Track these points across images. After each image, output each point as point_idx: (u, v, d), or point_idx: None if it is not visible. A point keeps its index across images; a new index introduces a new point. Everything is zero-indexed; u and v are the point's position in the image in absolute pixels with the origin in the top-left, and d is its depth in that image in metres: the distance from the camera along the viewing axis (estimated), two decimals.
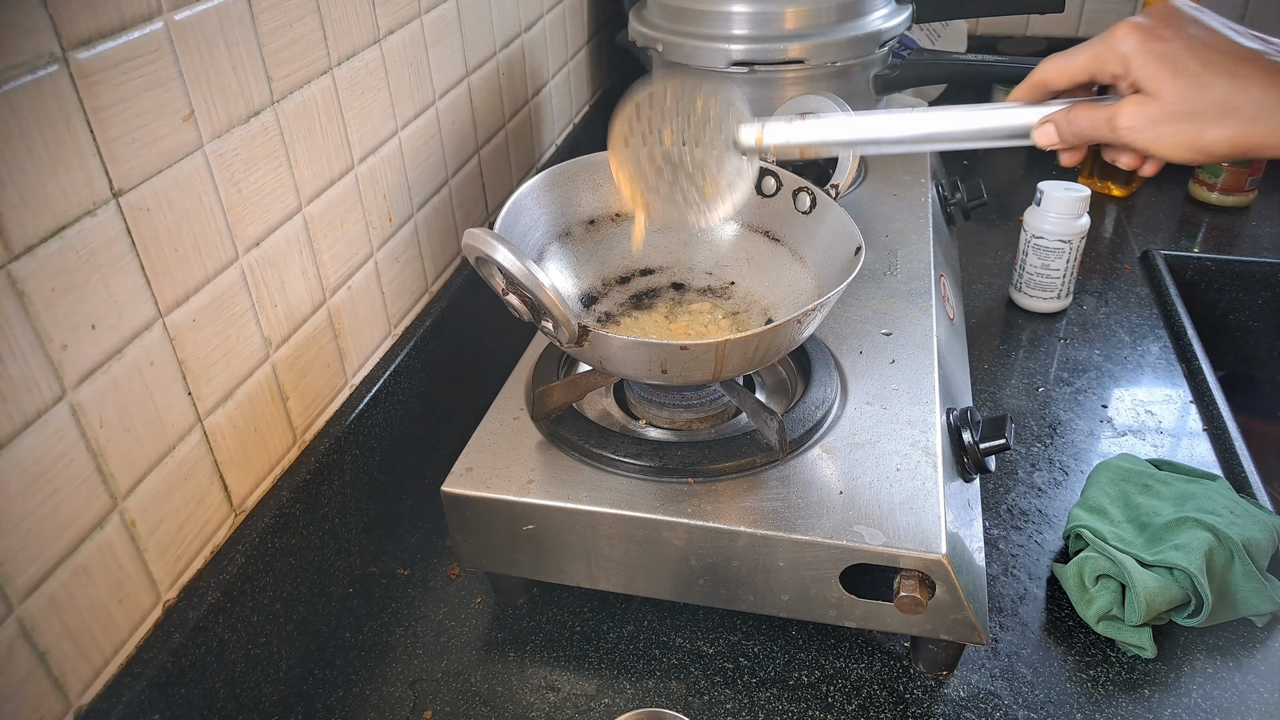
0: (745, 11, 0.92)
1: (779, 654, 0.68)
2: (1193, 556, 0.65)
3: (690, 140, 0.64)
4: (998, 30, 1.52)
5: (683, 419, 0.71)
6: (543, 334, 0.62)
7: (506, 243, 0.56)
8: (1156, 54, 0.45)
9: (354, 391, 0.75)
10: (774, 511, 0.62)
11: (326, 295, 0.70)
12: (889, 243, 0.90)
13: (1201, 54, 0.44)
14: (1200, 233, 1.20)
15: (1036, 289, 1.03)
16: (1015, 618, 0.69)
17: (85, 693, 0.50)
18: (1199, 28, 0.45)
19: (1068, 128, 0.50)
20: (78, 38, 0.46)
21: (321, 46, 0.66)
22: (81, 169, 0.47)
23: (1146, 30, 0.46)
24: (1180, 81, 0.44)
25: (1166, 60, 0.45)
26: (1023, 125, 0.52)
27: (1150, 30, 0.46)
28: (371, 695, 0.66)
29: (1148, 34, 0.45)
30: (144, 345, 0.52)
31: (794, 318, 0.60)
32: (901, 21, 0.96)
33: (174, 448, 0.55)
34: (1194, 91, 0.44)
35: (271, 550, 0.63)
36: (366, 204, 0.74)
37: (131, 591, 0.53)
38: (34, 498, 0.46)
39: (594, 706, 0.64)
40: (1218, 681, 0.64)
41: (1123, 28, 0.46)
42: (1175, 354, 0.97)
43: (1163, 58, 0.45)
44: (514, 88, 1.01)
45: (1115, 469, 0.77)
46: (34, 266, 0.45)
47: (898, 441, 0.67)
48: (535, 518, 0.65)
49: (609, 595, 0.73)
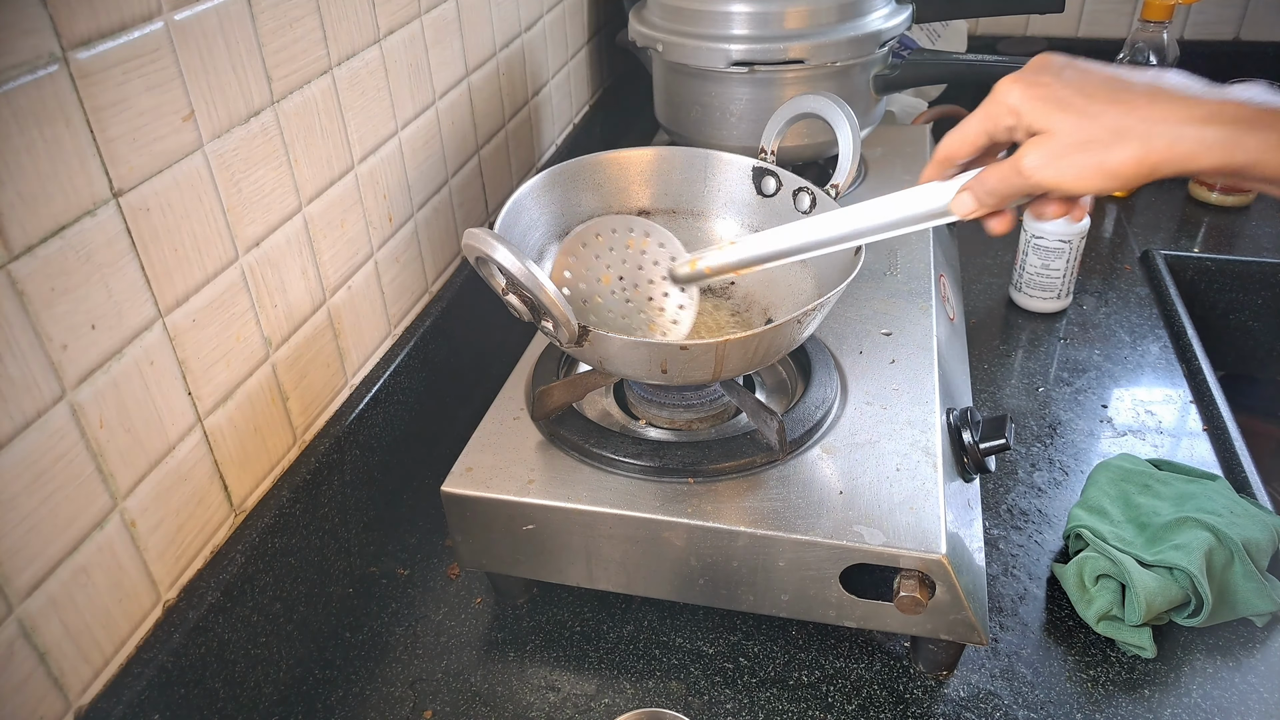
0: (745, 11, 0.92)
1: (779, 654, 0.68)
2: (1193, 556, 0.65)
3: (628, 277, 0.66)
4: (998, 30, 1.52)
5: (683, 419, 0.71)
6: (543, 334, 0.62)
7: (506, 243, 0.56)
8: (1040, 97, 0.47)
9: (354, 391, 0.75)
10: (774, 511, 0.62)
11: (326, 295, 0.70)
12: (889, 243, 0.90)
13: (1082, 88, 0.46)
14: (1200, 233, 1.20)
15: (1036, 289, 1.03)
16: (1015, 618, 0.69)
17: (85, 693, 0.50)
18: (1074, 70, 0.48)
19: (981, 189, 0.51)
20: (78, 38, 0.46)
21: (321, 46, 0.66)
22: (81, 169, 0.47)
23: (1026, 80, 0.48)
24: (1069, 114, 0.46)
25: (1051, 100, 0.47)
26: (940, 203, 0.53)
27: (1029, 79, 0.48)
28: (371, 695, 0.66)
29: (1028, 82, 0.48)
30: (144, 345, 0.52)
31: (794, 318, 0.59)
32: (901, 21, 0.96)
33: (174, 448, 0.55)
34: (1084, 120, 0.46)
35: (271, 550, 0.63)
36: (366, 204, 0.74)
37: (131, 591, 0.53)
38: (34, 498, 0.46)
39: (594, 706, 0.64)
40: (1218, 681, 0.64)
41: (1004, 83, 0.49)
42: (1175, 354, 0.97)
43: (1046, 99, 0.47)
44: (514, 88, 1.01)
45: (1115, 469, 0.77)
46: (34, 266, 0.45)
47: (898, 441, 0.67)
48: (535, 518, 0.65)
49: (609, 595, 0.73)
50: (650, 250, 0.66)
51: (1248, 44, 1.43)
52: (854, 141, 0.71)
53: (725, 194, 0.79)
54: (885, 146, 1.10)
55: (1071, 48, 1.51)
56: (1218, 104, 0.44)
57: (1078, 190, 0.48)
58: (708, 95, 0.98)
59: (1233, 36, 1.43)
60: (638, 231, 0.65)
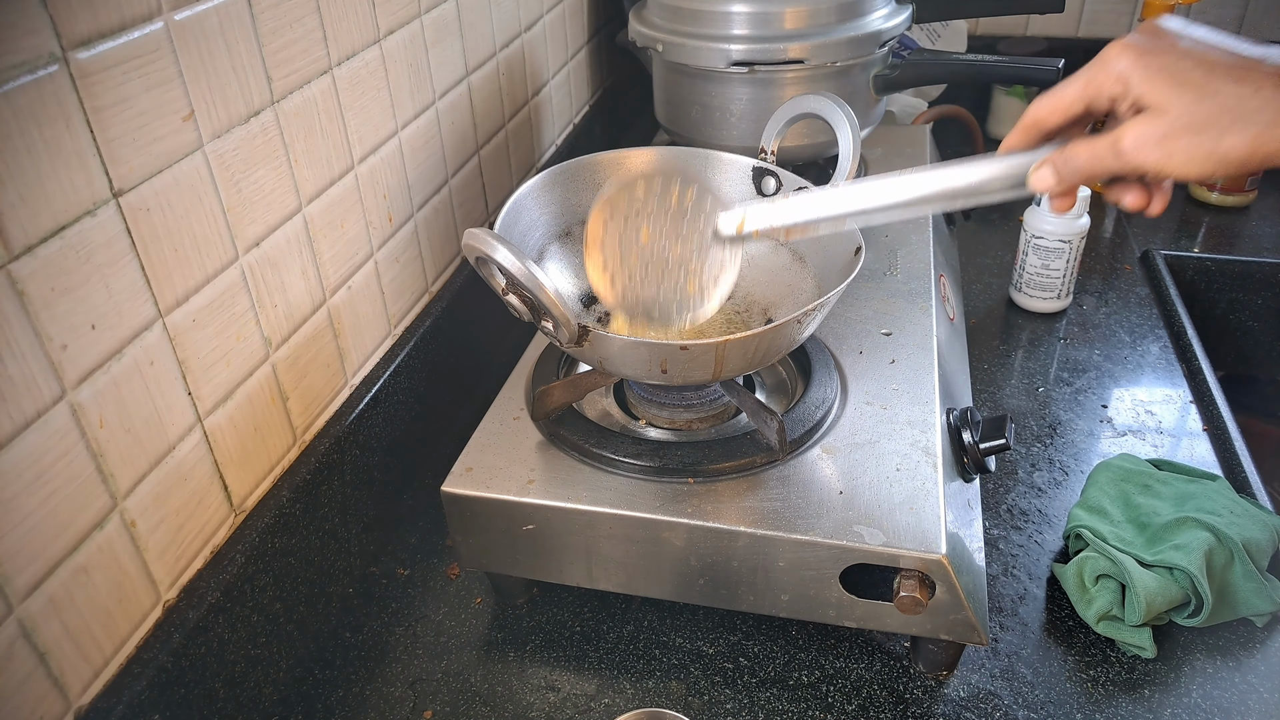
0: (745, 11, 0.92)
1: (779, 654, 0.68)
2: (1193, 556, 0.65)
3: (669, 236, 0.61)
4: (998, 30, 1.52)
5: (683, 419, 0.71)
6: (543, 334, 0.62)
7: (506, 243, 0.56)
8: (1155, 68, 0.43)
9: (354, 391, 0.75)
10: (774, 511, 0.62)
11: (326, 295, 0.70)
12: (889, 243, 0.90)
13: (1203, 62, 0.42)
14: (1200, 233, 1.20)
15: (1036, 289, 1.03)
16: (1015, 618, 0.69)
17: (85, 693, 0.50)
18: (1193, 39, 0.43)
19: (1065, 166, 0.47)
20: (78, 38, 0.46)
21: (321, 46, 0.66)
22: (81, 169, 0.47)
23: (1140, 47, 0.44)
24: (1186, 92, 0.42)
25: (1167, 72, 0.42)
26: (1018, 173, 0.49)
27: (1143, 47, 0.44)
28: (371, 695, 0.66)
29: (1142, 50, 0.43)
30: (144, 345, 0.52)
31: (794, 318, 0.59)
32: (901, 21, 0.96)
33: (174, 448, 0.55)
34: (1202, 100, 0.41)
35: (271, 550, 0.63)
36: (366, 204, 0.74)
37: (131, 591, 0.53)
38: (34, 498, 0.46)
39: (594, 706, 0.64)
40: (1218, 681, 0.64)
41: (1114, 48, 0.44)
42: (1175, 354, 0.97)
43: (1163, 70, 0.42)
44: (514, 88, 1.01)
45: (1115, 469, 0.77)
46: (34, 266, 0.45)
47: (898, 441, 0.67)
48: (535, 518, 0.65)
49: (609, 595, 0.73)
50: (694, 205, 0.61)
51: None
52: (854, 141, 0.71)
53: (725, 194, 0.79)
54: (885, 146, 1.10)
55: (1071, 48, 1.52)
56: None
57: (1183, 176, 0.43)
58: (708, 95, 0.98)
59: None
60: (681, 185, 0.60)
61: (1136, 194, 0.47)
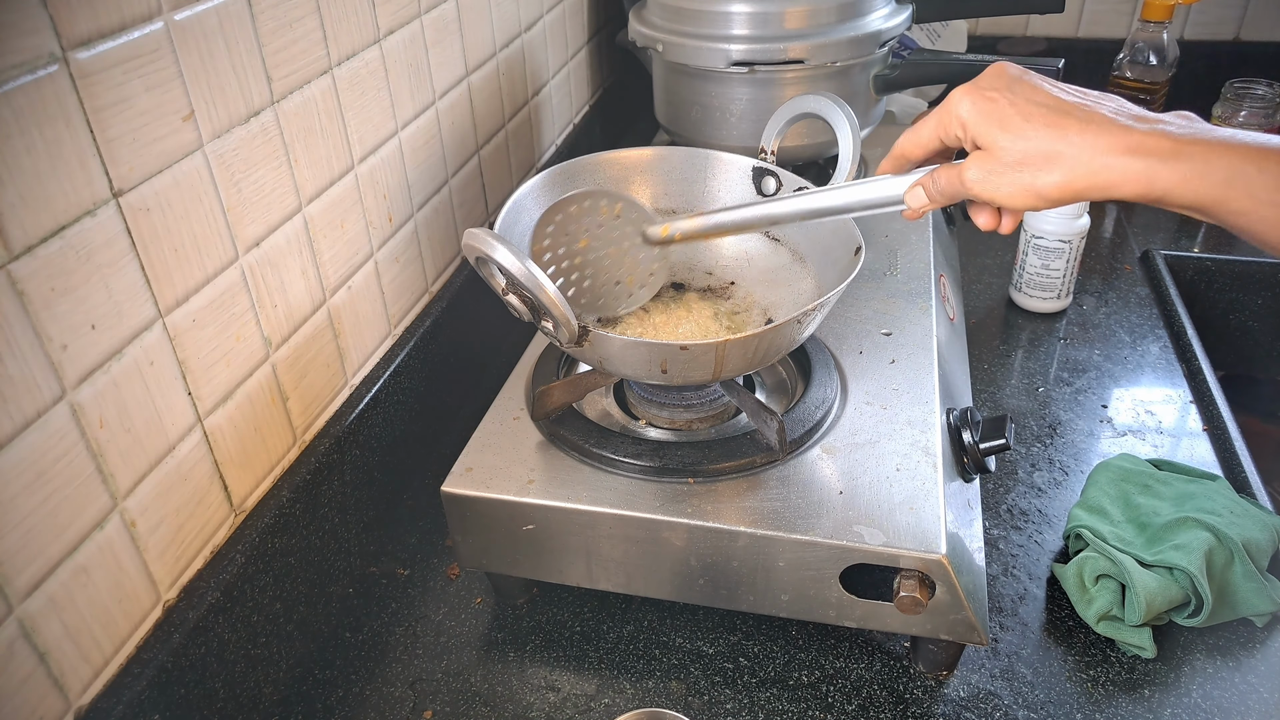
0: (745, 11, 0.92)
1: (779, 654, 0.68)
2: (1193, 556, 0.65)
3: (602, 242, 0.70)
4: (998, 30, 1.52)
5: (683, 419, 0.71)
6: (543, 334, 0.62)
7: (506, 243, 0.56)
8: (985, 113, 0.49)
9: (354, 391, 0.75)
10: (774, 511, 0.62)
11: (326, 295, 0.70)
12: (889, 243, 0.90)
13: (1024, 109, 0.48)
14: (1200, 233, 1.20)
15: (1036, 289, 1.03)
16: (1015, 618, 0.69)
17: (85, 693, 0.50)
18: (1022, 86, 0.49)
19: (933, 186, 0.55)
20: (78, 38, 0.46)
21: (321, 46, 0.66)
22: (81, 169, 0.47)
23: (977, 92, 0.50)
24: (1007, 135, 0.49)
25: (994, 117, 0.49)
26: (896, 193, 0.57)
27: (980, 92, 0.50)
28: (371, 695, 0.66)
29: (978, 95, 0.50)
30: (144, 345, 0.52)
31: (794, 318, 0.60)
32: (901, 21, 0.96)
33: (174, 448, 0.55)
34: (1020, 142, 0.48)
35: (271, 550, 0.63)
36: (366, 204, 0.74)
37: (131, 591, 0.53)
38: (34, 498, 0.46)
39: (594, 706, 0.64)
40: (1218, 681, 0.64)
41: (957, 93, 0.51)
42: (1175, 354, 0.97)
43: (990, 116, 0.49)
44: (514, 88, 1.01)
45: (1115, 469, 0.77)
46: (34, 266, 0.45)
47: (898, 441, 0.67)
48: (535, 518, 0.65)
49: (609, 595, 0.73)
50: (623, 216, 0.70)
51: (1248, 44, 1.43)
52: (854, 141, 0.71)
53: (725, 194, 0.79)
54: (885, 146, 1.09)
55: (1071, 48, 1.52)
56: (1142, 135, 0.46)
57: (1010, 206, 0.51)
58: (708, 95, 0.98)
59: (1233, 36, 1.43)
60: (609, 200, 0.69)
61: (987, 216, 0.55)
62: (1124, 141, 0.46)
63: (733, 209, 0.66)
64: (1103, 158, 0.47)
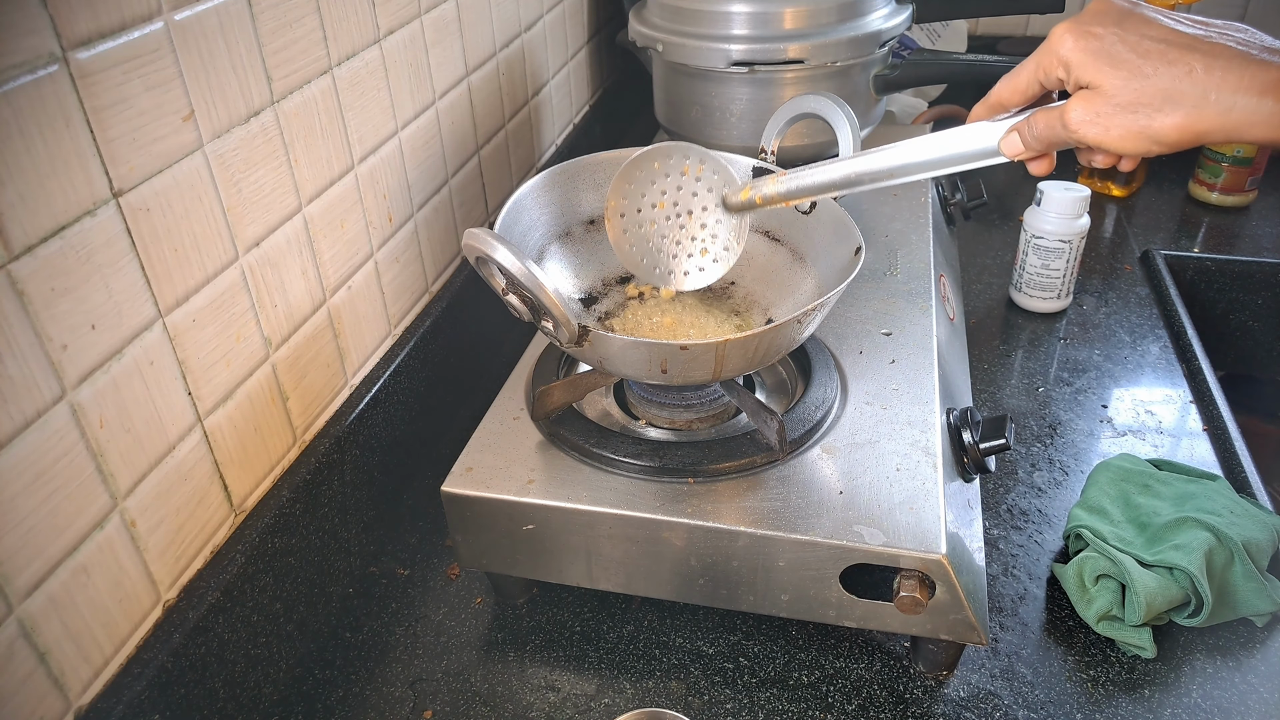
0: (745, 11, 0.92)
1: (779, 654, 0.68)
2: (1193, 556, 0.65)
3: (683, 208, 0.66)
4: (998, 30, 1.52)
5: (683, 419, 0.71)
6: (543, 334, 0.62)
7: (506, 243, 0.56)
8: (1092, 50, 0.45)
9: (354, 391, 0.75)
10: (774, 511, 0.62)
11: (326, 295, 0.70)
12: (889, 243, 0.90)
13: (1137, 45, 0.44)
14: (1200, 233, 1.20)
15: (1036, 289, 1.03)
16: (1015, 618, 0.69)
17: (85, 693, 0.50)
18: (1134, 19, 0.45)
19: (1029, 133, 0.50)
20: (78, 38, 0.46)
21: (321, 46, 0.66)
22: (81, 169, 0.47)
23: (1080, 29, 0.46)
24: (1119, 73, 0.44)
25: (1102, 55, 0.45)
26: (990, 143, 0.53)
27: (1084, 29, 0.46)
28: (371, 695, 0.66)
29: (1081, 32, 0.46)
30: (144, 345, 0.52)
31: (794, 318, 0.60)
32: (901, 21, 0.96)
33: (174, 448, 0.55)
34: (1135, 81, 0.44)
35: (271, 550, 0.63)
36: (366, 204, 0.74)
37: (131, 591, 0.53)
38: (34, 498, 0.46)
39: (594, 706, 0.64)
40: (1218, 681, 0.64)
41: (1057, 30, 0.47)
42: (1175, 354, 0.97)
43: (1098, 53, 0.45)
44: (514, 88, 1.01)
45: (1115, 469, 0.77)
46: (34, 266, 0.45)
47: (898, 441, 0.67)
48: (535, 518, 0.65)
49: (609, 595, 0.73)
50: (705, 178, 0.67)
51: None
52: (854, 141, 0.71)
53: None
54: None
55: None
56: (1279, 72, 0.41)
57: (1121, 151, 0.46)
58: (708, 95, 0.98)
59: None
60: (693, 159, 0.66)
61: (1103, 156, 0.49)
62: (1260, 79, 0.41)
63: (816, 167, 0.61)
64: (1231, 96, 0.42)
